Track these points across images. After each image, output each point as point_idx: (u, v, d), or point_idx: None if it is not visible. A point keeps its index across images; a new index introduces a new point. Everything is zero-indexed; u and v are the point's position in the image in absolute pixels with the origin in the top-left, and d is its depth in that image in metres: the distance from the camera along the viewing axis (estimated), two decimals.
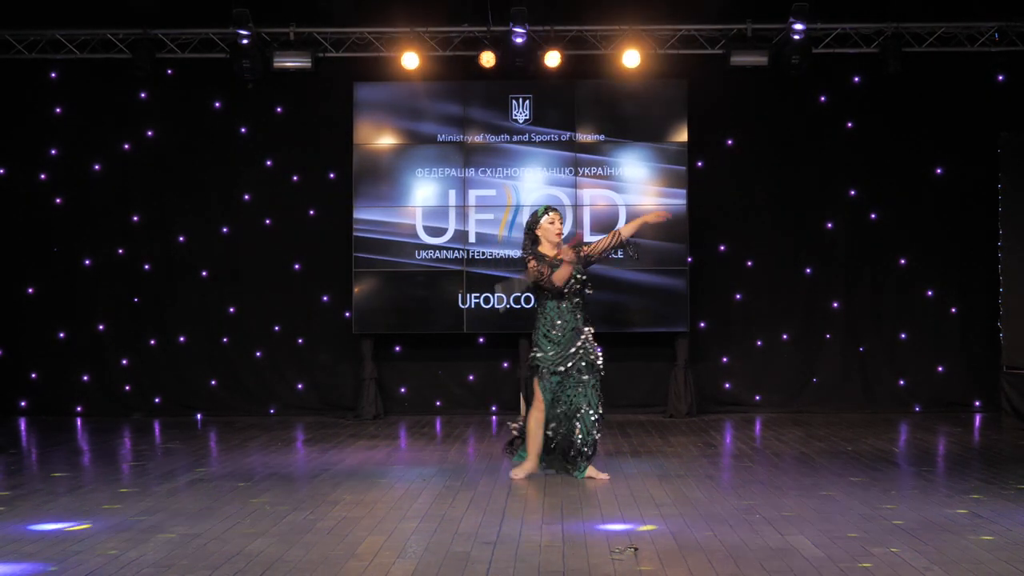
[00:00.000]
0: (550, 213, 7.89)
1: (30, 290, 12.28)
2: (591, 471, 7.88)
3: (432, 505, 6.94)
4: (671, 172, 11.84)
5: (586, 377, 7.80)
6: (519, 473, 7.90)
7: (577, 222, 11.78)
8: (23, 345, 12.29)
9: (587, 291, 7.92)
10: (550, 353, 7.79)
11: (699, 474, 8.11)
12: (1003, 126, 11.91)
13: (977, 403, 12.15)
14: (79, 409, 12.20)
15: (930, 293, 12.25)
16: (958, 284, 12.24)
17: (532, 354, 7.89)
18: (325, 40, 11.81)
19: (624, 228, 7.97)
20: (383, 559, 5.50)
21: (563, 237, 7.96)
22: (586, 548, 5.69)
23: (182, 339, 12.30)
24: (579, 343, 7.81)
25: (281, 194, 12.32)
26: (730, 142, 12.29)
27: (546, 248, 7.88)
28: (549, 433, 7.88)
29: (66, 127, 12.30)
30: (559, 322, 7.82)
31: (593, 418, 7.79)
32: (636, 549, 5.62)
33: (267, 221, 12.31)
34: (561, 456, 7.93)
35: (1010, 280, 11.82)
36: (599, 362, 7.86)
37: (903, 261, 12.26)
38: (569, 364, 7.78)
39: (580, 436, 7.78)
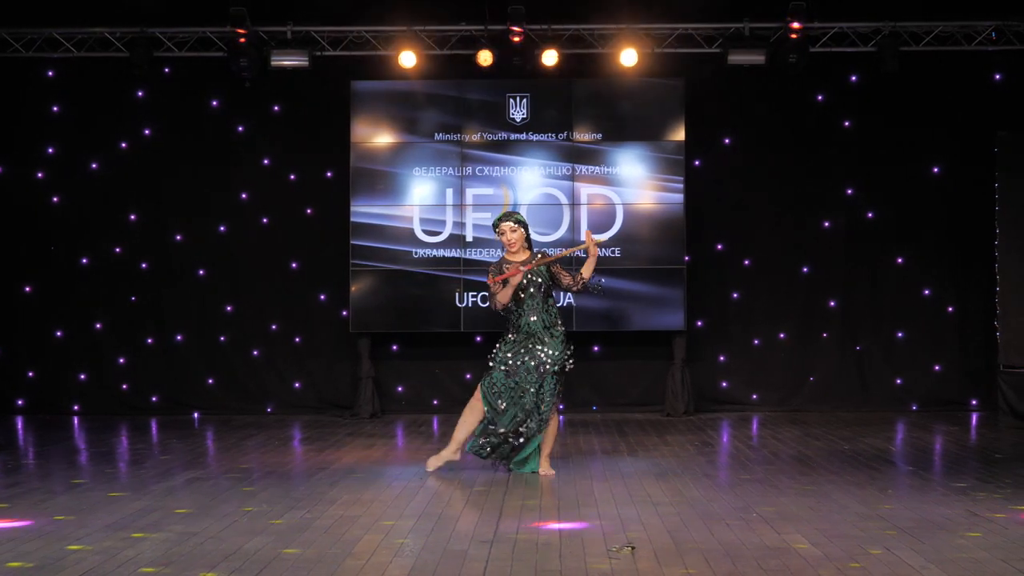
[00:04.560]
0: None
1: (27, 288, 12.28)
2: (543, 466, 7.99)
3: (429, 503, 6.94)
4: (668, 171, 11.83)
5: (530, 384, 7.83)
6: (434, 463, 8.05)
7: (574, 221, 11.79)
8: (20, 343, 12.29)
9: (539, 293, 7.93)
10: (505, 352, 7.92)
11: (696, 472, 8.11)
12: (1000, 125, 11.90)
13: (974, 402, 12.16)
14: (76, 408, 12.20)
15: (927, 292, 12.26)
16: (955, 283, 12.26)
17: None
18: (322, 39, 11.80)
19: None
20: (380, 557, 5.50)
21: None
22: (583, 547, 5.69)
23: (179, 338, 12.30)
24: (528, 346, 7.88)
25: (278, 193, 12.32)
26: (727, 141, 12.30)
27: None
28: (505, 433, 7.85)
29: (63, 125, 12.29)
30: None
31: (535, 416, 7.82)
32: (633, 548, 5.62)
33: (264, 220, 12.32)
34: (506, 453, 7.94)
35: (1007, 279, 11.81)
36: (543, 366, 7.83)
37: (900, 260, 12.28)
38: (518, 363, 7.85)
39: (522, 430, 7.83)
